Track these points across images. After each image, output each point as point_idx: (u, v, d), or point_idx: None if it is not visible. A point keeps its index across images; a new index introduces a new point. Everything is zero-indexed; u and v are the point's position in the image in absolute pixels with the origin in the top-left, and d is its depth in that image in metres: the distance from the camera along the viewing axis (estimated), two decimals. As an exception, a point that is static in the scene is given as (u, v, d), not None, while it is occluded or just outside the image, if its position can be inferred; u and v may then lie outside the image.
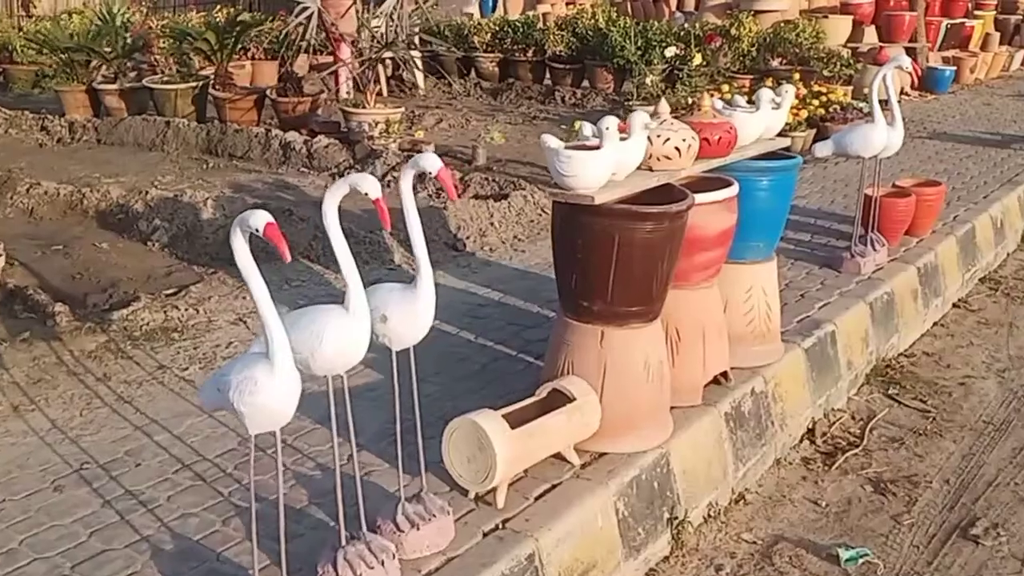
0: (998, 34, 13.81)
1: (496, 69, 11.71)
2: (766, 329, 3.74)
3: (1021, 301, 5.53)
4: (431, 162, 2.43)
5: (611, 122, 2.88)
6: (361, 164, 6.95)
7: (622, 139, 2.98)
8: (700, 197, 3.17)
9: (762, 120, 3.63)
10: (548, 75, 11.40)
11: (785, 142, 3.89)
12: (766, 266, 3.75)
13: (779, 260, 4.98)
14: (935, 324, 5.19)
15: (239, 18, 9.05)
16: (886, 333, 4.65)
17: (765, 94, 3.62)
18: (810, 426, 3.98)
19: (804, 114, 8.27)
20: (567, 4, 14.60)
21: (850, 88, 9.48)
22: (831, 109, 8.47)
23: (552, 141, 2.95)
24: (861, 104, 8.74)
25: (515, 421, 2.78)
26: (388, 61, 12.02)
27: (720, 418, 3.42)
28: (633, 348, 3.06)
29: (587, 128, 3.23)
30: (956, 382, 4.52)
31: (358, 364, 2.38)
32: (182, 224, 5.45)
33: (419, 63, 11.57)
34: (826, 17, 11.48)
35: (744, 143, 3.57)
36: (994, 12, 14.35)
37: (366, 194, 2.21)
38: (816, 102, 8.63)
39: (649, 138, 3.08)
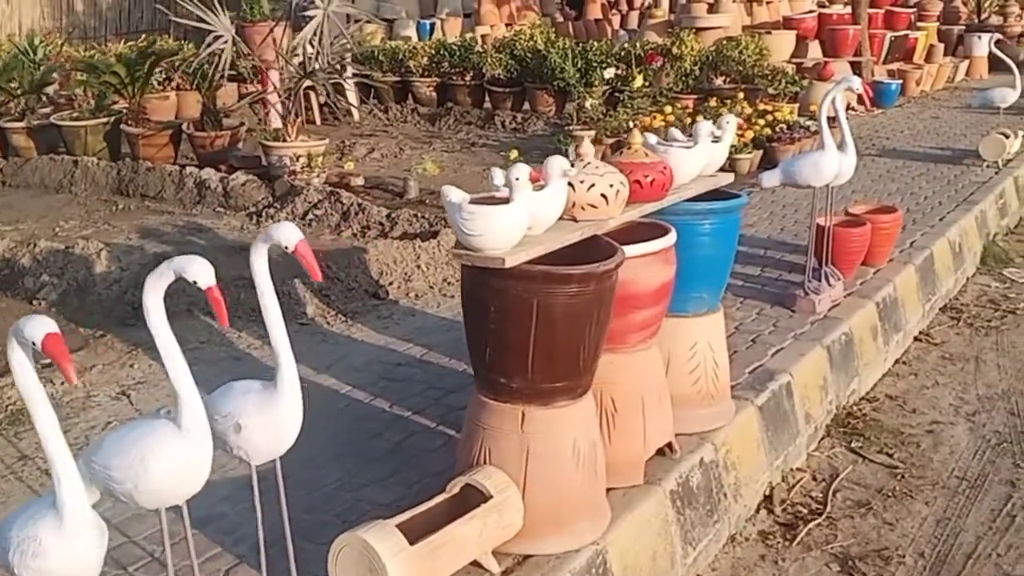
0: (942, 45, 13.73)
1: (434, 94, 11.28)
2: (714, 389, 3.33)
3: (985, 331, 5.20)
4: (288, 235, 1.98)
5: (521, 171, 2.45)
6: (280, 202, 6.46)
7: (540, 187, 2.56)
8: (633, 249, 2.75)
9: (701, 156, 3.23)
10: (488, 99, 11.01)
11: (728, 178, 3.49)
12: (712, 318, 3.34)
13: (728, 299, 4.61)
14: (897, 361, 4.83)
15: (150, 49, 8.52)
16: (846, 377, 4.27)
17: (703, 127, 3.21)
18: (767, 492, 3.57)
19: (750, 135, 7.95)
20: (507, 25, 14.24)
21: (796, 106, 9.21)
22: (778, 129, 8.16)
23: (454, 194, 2.51)
24: (808, 122, 8.46)
25: (417, 531, 2.32)
26: (323, 88, 11.61)
27: (665, 498, 2.99)
28: (560, 430, 2.62)
29: (497, 176, 2.80)
30: (923, 429, 4.15)
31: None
32: (72, 279, 4.92)
33: (353, 90, 11.13)
34: (769, 33, 11.25)
35: (682, 182, 3.17)
36: (937, 23, 14.29)
37: (194, 282, 1.74)
38: (762, 122, 8.32)
39: (571, 184, 2.66)
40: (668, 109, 8.72)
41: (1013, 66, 8.01)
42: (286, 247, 1.96)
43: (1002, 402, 4.37)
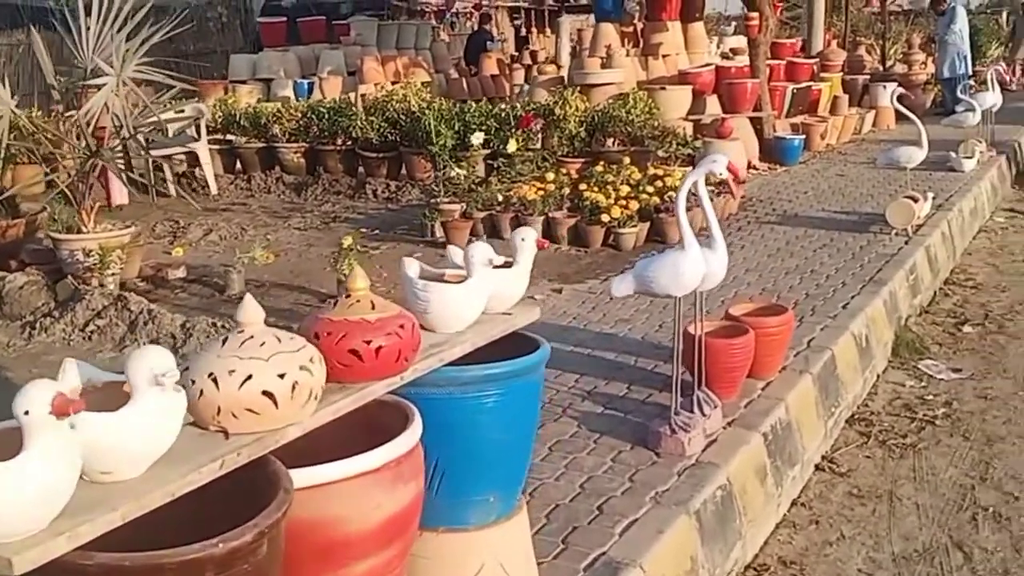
0: (847, 96, 13.21)
1: (302, 160, 10.23)
2: (515, 627, 2.30)
3: (900, 452, 4.29)
4: None
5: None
6: (61, 308, 5.31)
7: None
8: (329, 470, 1.71)
9: (476, 295, 2.23)
10: (361, 165, 10.00)
11: (528, 316, 2.49)
12: (505, 529, 2.31)
13: (580, 436, 3.62)
14: (795, 503, 3.87)
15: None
16: (724, 548, 3.27)
17: (477, 253, 2.21)
18: None
19: (635, 206, 7.06)
20: (393, 84, 13.31)
21: (688, 169, 8.37)
22: (667, 197, 7.29)
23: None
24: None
25: None
26: (180, 158, 10.46)
27: None
28: None
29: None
30: (825, 614, 3.18)
31: None
32: None
33: (209, 159, 10.04)
34: (664, 89, 10.49)
35: (446, 333, 2.16)
36: (841, 74, 13.80)
37: None
38: (651, 189, 7.46)
39: (214, 379, 1.62)
40: (550, 176, 7.85)
41: (918, 123, 7.31)
42: None
43: (924, 565, 3.42)
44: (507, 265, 2.33)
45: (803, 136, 10.98)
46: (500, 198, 7.23)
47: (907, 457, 4.25)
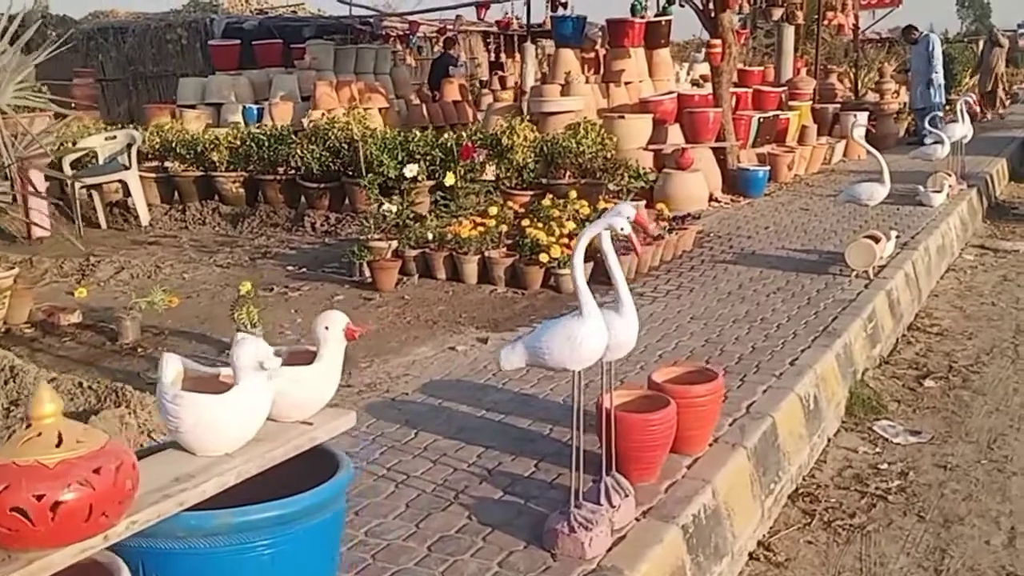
0: (816, 125, 12.83)
1: (241, 191, 9.72)
2: None
3: (847, 536, 3.78)
4: None
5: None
6: (-79, 364, 4.74)
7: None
8: None
9: (244, 406, 1.71)
10: (303, 196, 9.49)
11: (337, 425, 1.97)
12: None
13: (467, 531, 3.10)
14: (721, 602, 3.36)
15: None
16: (624, 674, 2.75)
17: (245, 353, 1.69)
18: None
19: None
20: (349, 110, 12.80)
21: (642, 204, 7.91)
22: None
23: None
24: (651, 226, 7.14)
25: None
26: (115, 186, 9.91)
27: None
28: None
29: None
30: None
31: None
32: None
33: (140, 189, 9.52)
34: (622, 117, 10.05)
35: (209, 456, 1.64)
36: (810, 102, 13.43)
37: None
38: (599, 225, 6.96)
39: None
40: (493, 211, 7.35)
41: (879, 158, 6.87)
42: None
43: None
44: (309, 359, 1.82)
45: (768, 167, 10.56)
46: (430, 236, 6.73)
47: (854, 542, 3.75)
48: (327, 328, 1.86)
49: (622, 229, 2.92)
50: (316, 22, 17.72)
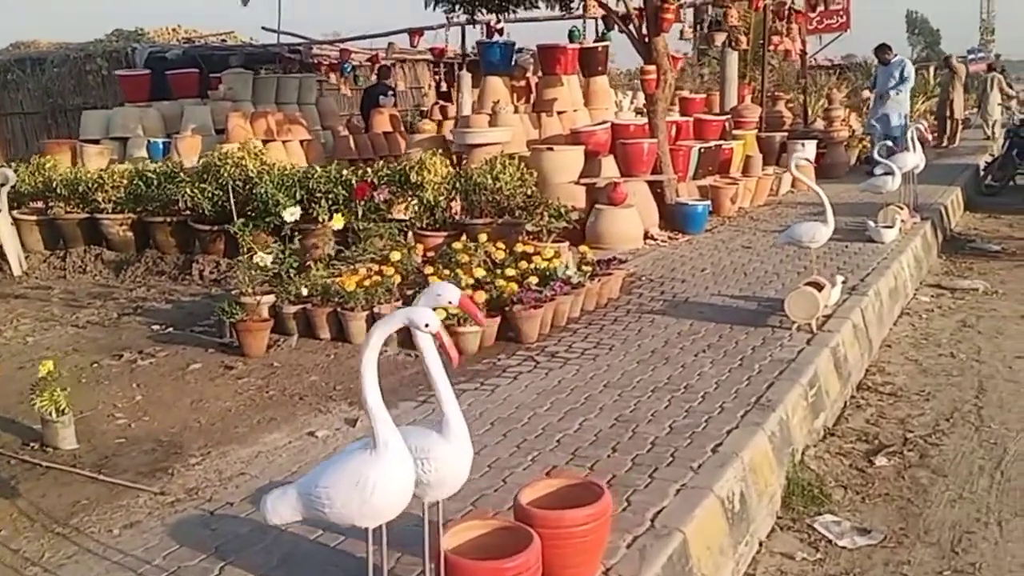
0: (761, 155, 12.16)
1: (129, 234, 8.78)
2: None
3: None
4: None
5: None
6: None
7: None
8: None
9: None
10: (196, 240, 8.56)
11: None
12: None
13: None
14: None
15: None
16: None
17: None
18: None
19: (481, 296, 5.75)
20: (265, 143, 11.89)
21: (564, 245, 7.11)
22: (527, 283, 5.98)
23: None
24: (568, 271, 6.33)
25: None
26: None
27: None
28: None
29: None
30: None
31: None
32: None
33: (12, 233, 8.57)
34: (551, 149, 9.28)
35: None
36: (755, 131, 12.77)
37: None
38: (512, 271, 6.16)
39: None
40: (395, 256, 6.52)
41: (822, 195, 6.12)
42: None
43: None
44: None
45: (709, 201, 9.85)
46: (305, 291, 5.85)
47: None
48: None
49: (426, 326, 2.06)
50: (244, 51, 16.85)
